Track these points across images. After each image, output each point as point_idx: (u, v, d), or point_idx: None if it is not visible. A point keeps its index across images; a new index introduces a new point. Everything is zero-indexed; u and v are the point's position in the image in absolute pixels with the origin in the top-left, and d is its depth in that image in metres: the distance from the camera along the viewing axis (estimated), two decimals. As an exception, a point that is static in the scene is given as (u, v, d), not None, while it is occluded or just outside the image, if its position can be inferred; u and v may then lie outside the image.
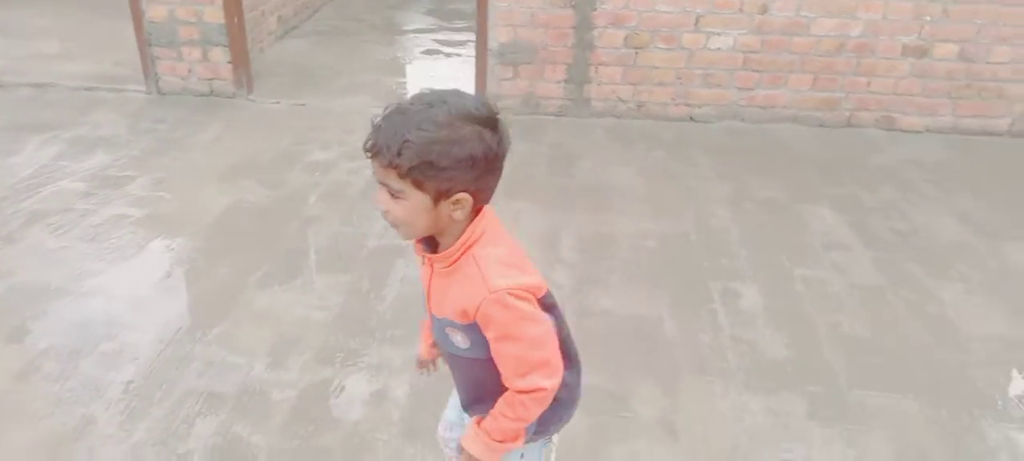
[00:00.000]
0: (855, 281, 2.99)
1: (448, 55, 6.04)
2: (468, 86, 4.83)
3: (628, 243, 3.25)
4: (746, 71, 4.44)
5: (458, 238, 1.24)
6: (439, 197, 1.18)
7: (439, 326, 1.35)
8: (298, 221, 3.32)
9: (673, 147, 4.24)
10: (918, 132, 4.48)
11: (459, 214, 1.21)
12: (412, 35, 6.69)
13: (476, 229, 1.24)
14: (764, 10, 4.26)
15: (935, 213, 3.54)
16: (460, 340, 1.32)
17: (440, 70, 5.74)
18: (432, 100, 1.18)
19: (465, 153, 1.15)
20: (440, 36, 6.55)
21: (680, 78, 4.49)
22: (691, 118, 4.58)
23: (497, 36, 4.48)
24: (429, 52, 6.15)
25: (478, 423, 1.36)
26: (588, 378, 2.36)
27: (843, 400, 2.37)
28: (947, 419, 2.31)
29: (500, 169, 1.23)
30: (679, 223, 3.42)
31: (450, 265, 1.27)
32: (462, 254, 1.25)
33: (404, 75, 5.66)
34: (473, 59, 4.70)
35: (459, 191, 1.18)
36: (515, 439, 1.34)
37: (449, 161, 1.15)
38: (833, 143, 4.33)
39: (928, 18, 4.22)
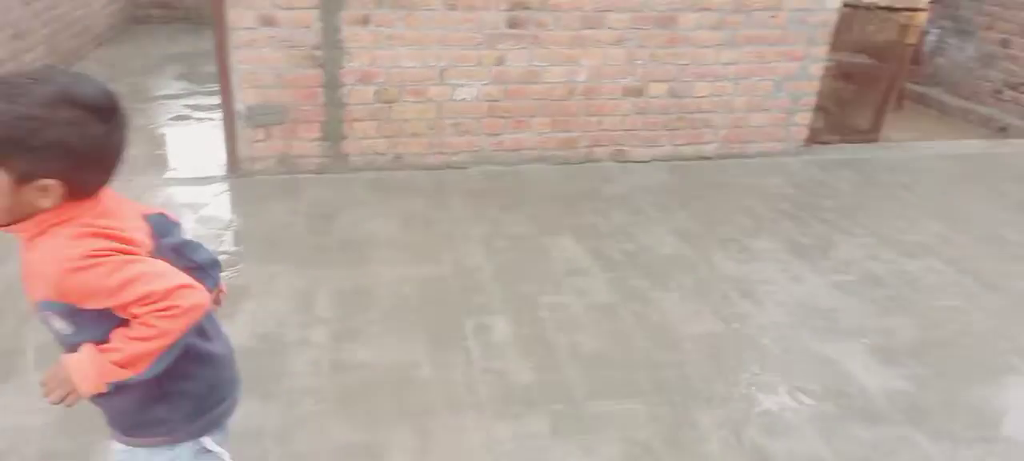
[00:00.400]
0: (592, 302, 3.30)
1: (200, 120, 5.76)
2: (219, 150, 4.65)
3: (386, 293, 3.31)
4: (492, 118, 4.74)
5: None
6: (22, 180, 1.09)
7: (41, 315, 1.23)
8: (14, 317, 2.97)
9: (431, 195, 4.40)
10: (645, 161, 5.07)
11: (45, 202, 1.12)
12: (161, 101, 6.28)
13: (67, 212, 1.14)
14: (500, 62, 4.59)
15: (657, 232, 4.01)
16: (61, 326, 1.22)
17: (190, 135, 5.46)
18: (43, 76, 1.10)
19: (56, 137, 1.07)
20: (191, 101, 6.23)
21: (433, 128, 4.68)
22: (448, 165, 4.78)
23: (244, 99, 4.38)
24: (179, 118, 5.82)
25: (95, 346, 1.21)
26: (344, 435, 2.41)
27: (581, 413, 2.60)
28: (667, 415, 2.62)
29: (108, 164, 1.17)
30: (437, 267, 3.55)
31: (28, 240, 1.16)
32: (40, 232, 1.15)
33: (151, 143, 5.30)
34: (222, 123, 4.54)
35: (46, 178, 1.10)
36: (137, 364, 1.21)
37: (39, 142, 1.06)
38: (574, 178, 4.75)
39: (639, 62, 4.81)
